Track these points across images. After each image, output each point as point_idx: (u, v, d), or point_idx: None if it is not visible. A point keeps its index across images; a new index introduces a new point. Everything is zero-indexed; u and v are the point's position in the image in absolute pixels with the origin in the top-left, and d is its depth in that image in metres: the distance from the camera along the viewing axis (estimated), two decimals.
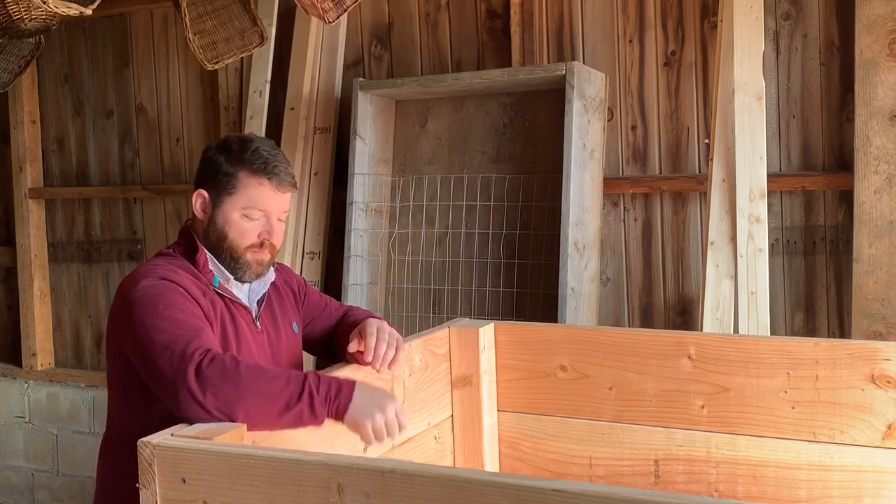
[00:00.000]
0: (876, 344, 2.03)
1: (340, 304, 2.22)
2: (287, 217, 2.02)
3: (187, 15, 3.08)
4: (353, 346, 1.94)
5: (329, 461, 1.35)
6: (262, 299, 1.99)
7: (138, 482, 1.45)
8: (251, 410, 1.60)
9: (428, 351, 2.19)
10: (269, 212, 1.91)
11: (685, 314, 3.19)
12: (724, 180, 2.91)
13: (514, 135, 3.31)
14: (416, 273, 3.40)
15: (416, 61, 3.57)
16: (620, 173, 3.27)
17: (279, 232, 1.95)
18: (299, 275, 2.26)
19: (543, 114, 3.25)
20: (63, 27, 3.97)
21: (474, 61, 3.47)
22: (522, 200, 3.24)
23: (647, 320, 3.24)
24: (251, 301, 1.96)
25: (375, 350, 1.90)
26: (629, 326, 3.23)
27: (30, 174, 4.31)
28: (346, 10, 2.79)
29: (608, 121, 3.25)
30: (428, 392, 2.18)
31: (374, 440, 1.69)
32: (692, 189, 3.14)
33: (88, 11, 2.59)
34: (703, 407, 2.09)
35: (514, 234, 3.25)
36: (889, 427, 1.94)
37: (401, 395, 2.05)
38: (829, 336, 3.01)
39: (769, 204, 2.94)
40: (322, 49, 3.62)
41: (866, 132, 2.80)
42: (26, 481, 4.38)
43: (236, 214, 1.90)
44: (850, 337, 2.86)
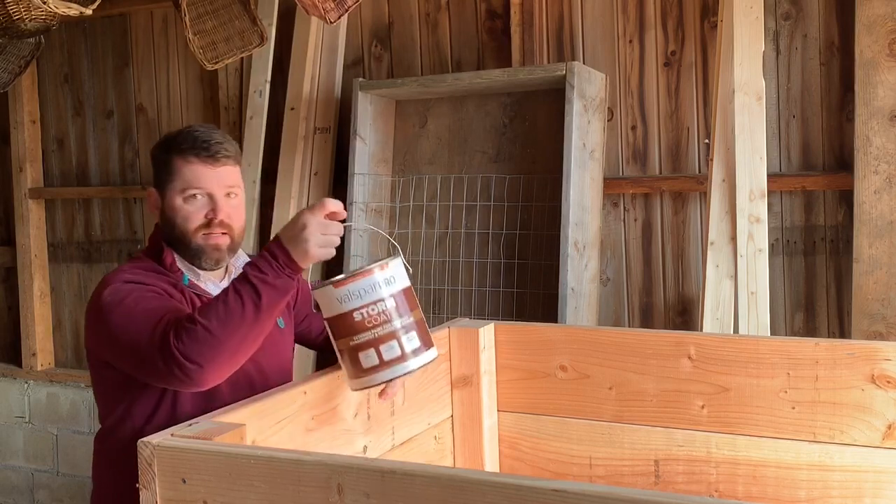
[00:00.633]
0: (876, 344, 2.03)
1: None
2: (240, 194, 1.95)
3: (187, 15, 3.08)
4: None
5: (329, 461, 1.35)
6: None
7: (138, 482, 1.45)
8: (238, 338, 1.63)
9: None
10: (207, 189, 1.88)
11: (685, 314, 3.19)
12: (724, 180, 2.91)
13: (514, 135, 3.31)
14: (416, 273, 3.39)
15: (416, 61, 3.57)
16: (620, 173, 3.27)
17: (229, 209, 1.90)
18: None
19: (543, 114, 3.25)
20: (63, 27, 3.97)
21: (474, 61, 3.47)
22: (522, 200, 3.24)
23: (647, 320, 3.24)
24: None
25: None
26: (629, 326, 3.23)
27: (30, 174, 4.31)
28: (347, 10, 2.79)
29: (608, 121, 3.25)
30: (428, 392, 2.18)
31: (330, 254, 1.68)
32: (692, 189, 3.14)
33: (88, 11, 2.59)
34: (703, 407, 2.09)
35: (514, 234, 3.25)
36: (889, 427, 1.94)
37: (401, 395, 2.06)
38: (829, 336, 3.01)
39: (769, 204, 2.94)
40: (322, 49, 3.62)
41: (866, 132, 2.80)
42: (26, 481, 4.38)
43: (178, 200, 1.88)
44: (850, 337, 2.86)
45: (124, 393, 1.82)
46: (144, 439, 1.45)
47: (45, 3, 2.44)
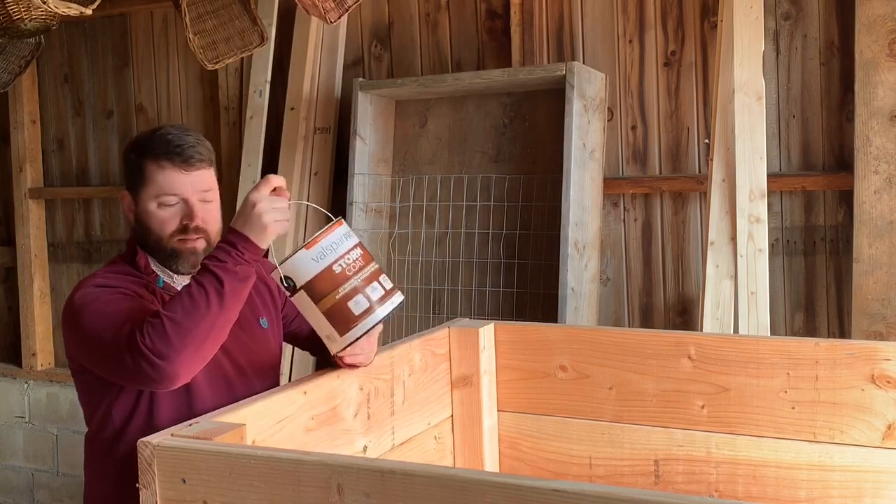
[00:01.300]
0: (876, 344, 2.04)
1: None
2: (215, 198, 1.93)
3: (187, 15, 3.08)
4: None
5: (329, 461, 1.35)
6: None
7: (138, 482, 1.45)
8: (205, 329, 1.63)
9: (428, 351, 2.19)
10: (182, 194, 1.86)
11: (685, 314, 3.19)
12: (724, 180, 2.91)
13: (514, 135, 3.31)
14: (416, 273, 3.40)
15: (416, 61, 3.57)
16: (620, 173, 3.27)
17: (204, 213, 1.88)
18: None
19: (543, 114, 3.25)
20: (63, 27, 3.97)
21: (474, 61, 3.47)
22: (522, 200, 3.24)
23: (647, 320, 3.24)
24: None
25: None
26: (629, 326, 3.23)
27: (30, 174, 4.31)
28: (347, 10, 2.79)
29: (608, 121, 3.25)
30: (428, 392, 2.18)
31: (285, 226, 1.71)
32: (692, 189, 3.14)
33: (88, 11, 2.59)
34: (703, 407, 2.09)
35: (514, 234, 3.25)
36: (889, 427, 1.94)
37: (401, 395, 2.06)
38: (829, 336, 3.01)
39: (769, 204, 2.94)
40: (322, 49, 3.62)
41: (866, 132, 2.80)
42: (26, 481, 4.38)
43: (152, 205, 1.86)
44: (850, 337, 2.86)
45: (103, 396, 1.81)
46: (144, 439, 1.45)
47: (45, 3, 2.43)
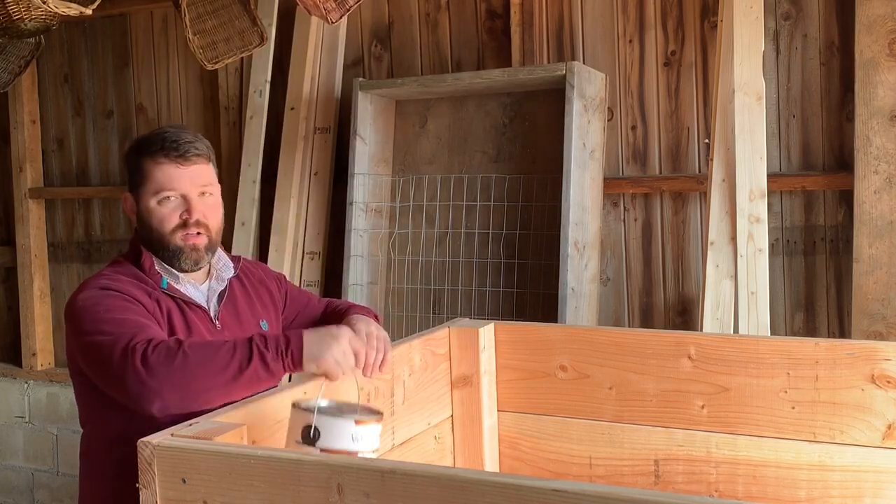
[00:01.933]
0: (876, 344, 2.04)
1: (319, 297, 2.20)
2: (215, 192, 1.93)
3: (187, 15, 3.08)
4: None
5: (329, 461, 1.35)
6: (223, 297, 1.95)
7: (138, 482, 1.45)
8: (206, 385, 1.59)
9: (428, 351, 2.19)
10: (180, 190, 1.86)
11: (685, 314, 3.19)
12: (724, 180, 2.91)
13: (514, 135, 3.31)
14: (416, 273, 3.40)
15: (416, 61, 3.57)
16: (620, 173, 3.27)
17: (203, 208, 1.88)
18: (278, 272, 2.23)
19: (543, 114, 3.25)
20: (63, 27, 3.97)
21: (474, 61, 3.47)
22: (522, 200, 3.24)
23: (647, 320, 3.24)
24: (209, 300, 1.93)
25: (366, 358, 1.84)
26: (629, 326, 3.23)
27: (30, 174, 4.31)
28: (348, 10, 2.79)
29: (608, 121, 3.25)
30: (428, 392, 2.18)
31: (339, 373, 1.66)
32: (692, 189, 3.14)
33: (88, 11, 2.59)
34: (703, 407, 2.09)
35: (514, 234, 3.25)
36: (889, 427, 1.94)
37: (401, 394, 2.06)
38: (829, 336, 3.01)
39: (769, 204, 2.94)
40: (322, 49, 3.62)
41: (866, 132, 2.80)
42: (26, 481, 4.39)
43: (152, 202, 1.87)
44: (850, 337, 2.86)
45: (100, 396, 1.80)
46: (144, 439, 1.45)
47: (45, 3, 2.44)
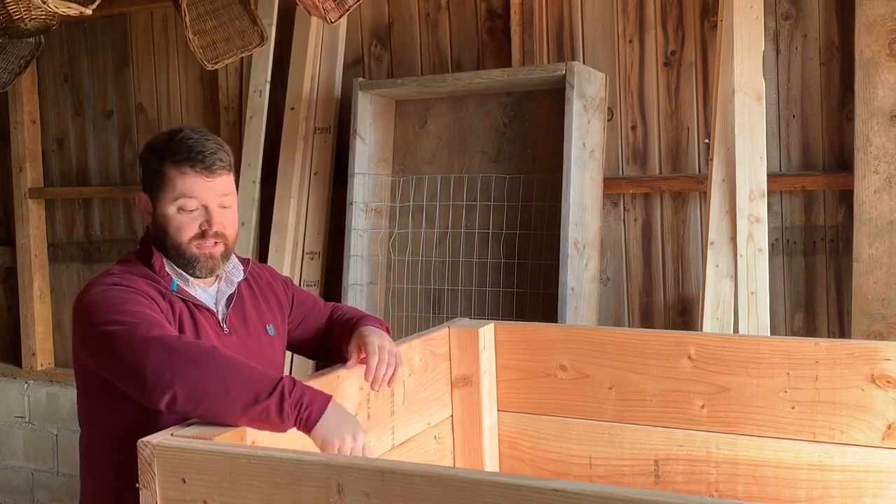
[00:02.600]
0: (876, 344, 2.04)
1: (325, 301, 2.19)
2: (233, 202, 1.92)
3: (187, 15, 3.08)
4: (351, 363, 1.88)
5: (329, 461, 1.35)
6: (231, 300, 1.94)
7: (138, 482, 1.45)
8: (220, 395, 1.55)
9: (428, 351, 2.19)
10: (202, 200, 1.85)
11: (685, 314, 3.19)
12: (724, 180, 2.91)
13: (514, 135, 3.31)
14: (416, 273, 3.40)
15: (416, 61, 3.57)
16: (620, 173, 3.27)
17: (223, 219, 1.87)
18: (285, 276, 2.22)
19: (543, 114, 3.25)
20: (63, 27, 3.97)
21: (474, 61, 3.47)
22: (522, 200, 3.24)
23: (647, 320, 3.24)
24: (218, 303, 1.92)
25: (376, 372, 1.84)
26: (629, 326, 3.23)
27: (30, 174, 4.31)
28: (348, 10, 2.79)
29: (608, 121, 3.25)
30: (428, 392, 2.18)
31: (344, 446, 1.61)
32: (692, 189, 3.14)
33: (88, 11, 2.59)
34: (703, 407, 2.09)
35: (514, 234, 3.25)
36: (889, 427, 1.94)
37: (401, 395, 2.06)
38: (829, 336, 3.01)
39: (769, 204, 2.94)
40: (322, 49, 3.62)
41: (866, 132, 2.80)
42: (26, 481, 4.38)
43: (172, 209, 1.85)
44: (850, 337, 2.86)
45: (104, 396, 1.79)
46: (144, 439, 1.45)
47: (45, 3, 2.44)
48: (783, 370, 2.01)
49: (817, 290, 3.04)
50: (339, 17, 2.80)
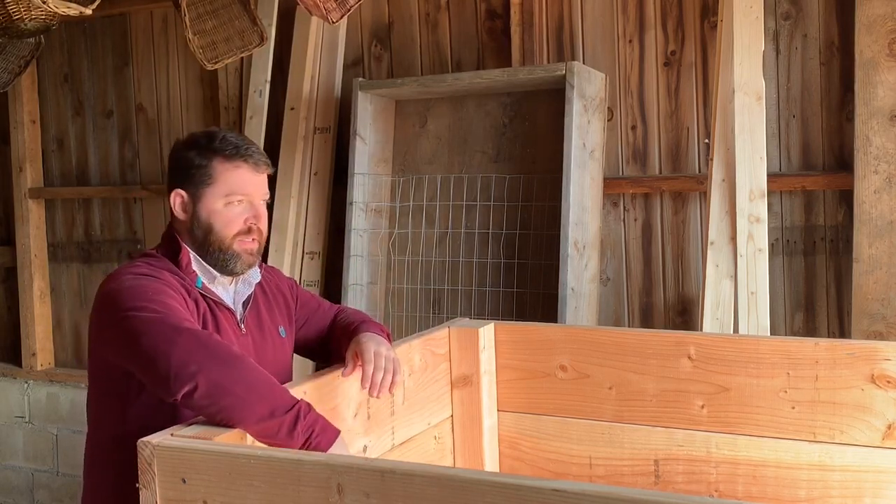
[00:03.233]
0: (876, 344, 2.04)
1: (330, 303, 2.20)
2: (267, 204, 1.96)
3: (187, 15, 3.08)
4: (348, 370, 1.87)
5: (329, 461, 1.35)
6: (248, 301, 1.95)
7: (138, 482, 1.45)
8: (239, 399, 1.55)
9: (428, 351, 2.19)
10: (250, 195, 1.89)
11: (685, 314, 3.19)
12: (724, 180, 2.91)
13: (514, 135, 3.31)
14: (416, 273, 3.40)
15: (416, 61, 3.57)
16: (620, 173, 3.27)
17: (265, 216, 1.92)
18: (289, 277, 2.23)
19: (543, 114, 3.25)
20: (63, 27, 3.97)
21: (474, 61, 3.47)
22: (522, 200, 3.24)
23: (647, 320, 3.24)
24: (236, 303, 1.93)
25: (372, 378, 1.83)
26: (629, 326, 3.23)
27: (30, 174, 4.31)
28: (349, 10, 2.79)
29: (608, 121, 3.25)
30: (428, 392, 2.18)
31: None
32: (692, 189, 3.14)
33: (88, 11, 2.59)
34: (703, 407, 2.09)
35: (514, 234, 3.25)
36: (889, 427, 1.94)
37: (401, 395, 2.06)
38: (829, 336, 3.01)
39: (769, 204, 2.94)
40: (322, 49, 3.62)
41: (866, 132, 2.80)
42: (26, 481, 4.38)
43: (220, 204, 1.87)
44: (850, 337, 2.86)
45: (115, 393, 1.79)
46: (144, 439, 1.45)
47: (45, 3, 2.44)
48: (783, 370, 2.01)
49: (817, 290, 3.04)
50: (341, 17, 2.80)
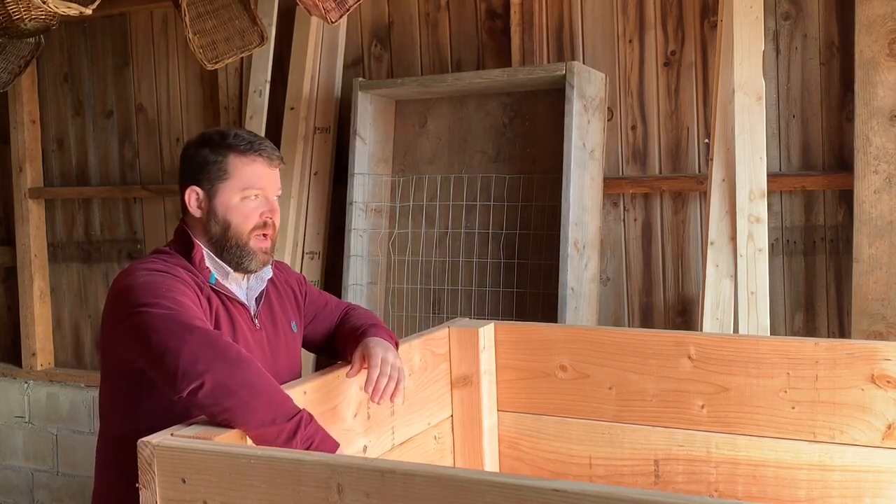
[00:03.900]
0: (876, 344, 2.04)
1: (338, 300, 2.20)
2: (279, 199, 1.97)
3: (187, 15, 3.08)
4: (353, 372, 1.87)
5: (329, 461, 1.35)
6: (261, 297, 1.97)
7: (138, 482, 1.45)
8: (242, 402, 1.55)
9: (428, 351, 2.19)
10: (265, 189, 1.91)
11: (685, 314, 3.19)
12: (724, 180, 2.91)
13: (514, 135, 3.31)
14: (416, 273, 3.40)
15: (416, 61, 3.57)
16: (620, 173, 3.27)
17: (278, 211, 1.94)
18: (298, 273, 2.24)
19: (543, 114, 3.25)
20: (63, 27, 3.97)
21: (474, 61, 3.47)
22: (522, 200, 3.24)
23: (647, 320, 3.24)
24: (249, 299, 1.94)
25: (376, 384, 1.82)
26: (629, 326, 3.23)
27: (30, 174, 4.31)
28: (348, 10, 2.79)
29: (608, 121, 3.25)
30: (428, 392, 2.18)
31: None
32: (692, 189, 3.14)
33: (88, 11, 2.59)
34: (703, 407, 2.09)
35: (514, 234, 3.25)
36: (889, 427, 1.94)
37: (401, 396, 2.05)
38: (829, 336, 3.01)
39: (769, 204, 2.94)
40: (322, 49, 3.62)
41: (866, 132, 2.80)
42: (26, 481, 4.38)
43: (236, 198, 1.88)
44: (850, 337, 2.86)
45: (126, 390, 1.80)
46: (144, 439, 1.45)
47: (45, 3, 2.43)
48: (783, 370, 2.01)
49: (817, 290, 3.04)
50: (340, 17, 2.79)
